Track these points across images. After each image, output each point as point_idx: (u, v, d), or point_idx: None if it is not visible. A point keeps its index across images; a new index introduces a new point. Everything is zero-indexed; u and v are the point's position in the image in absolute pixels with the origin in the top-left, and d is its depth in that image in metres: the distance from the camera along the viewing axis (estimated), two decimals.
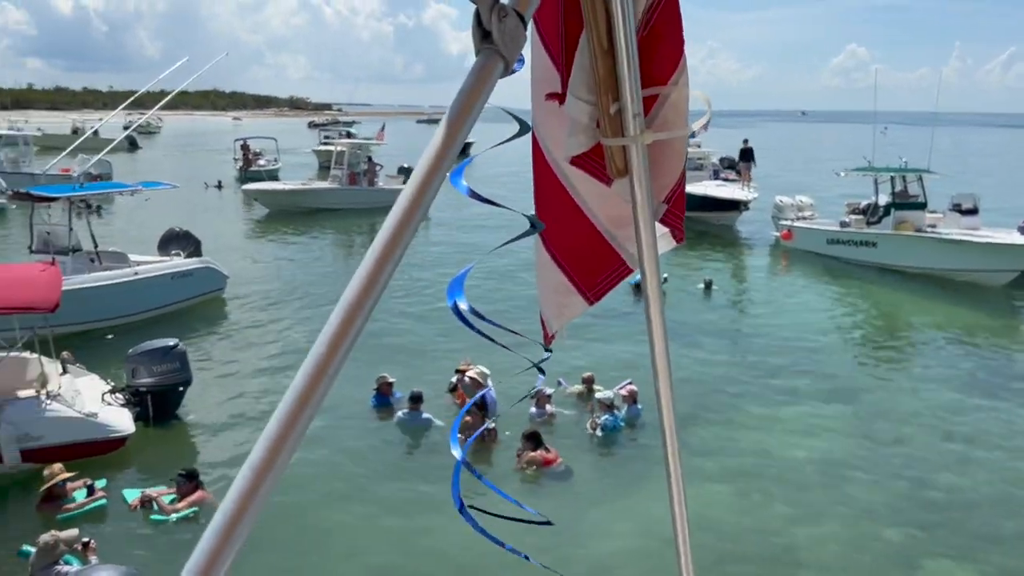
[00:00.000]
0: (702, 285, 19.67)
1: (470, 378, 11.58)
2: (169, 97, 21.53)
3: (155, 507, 8.72)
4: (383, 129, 49.72)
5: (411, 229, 0.94)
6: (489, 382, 11.20)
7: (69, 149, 20.76)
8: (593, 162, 1.53)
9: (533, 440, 10.03)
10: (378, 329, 16.17)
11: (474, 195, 1.27)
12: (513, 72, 1.06)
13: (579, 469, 10.11)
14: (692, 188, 28.79)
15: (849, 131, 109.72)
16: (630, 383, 11.78)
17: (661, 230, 1.58)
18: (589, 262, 1.74)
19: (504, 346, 1.53)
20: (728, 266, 23.63)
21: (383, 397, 11.79)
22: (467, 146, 1.04)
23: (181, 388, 11.14)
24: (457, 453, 1.50)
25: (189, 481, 8.92)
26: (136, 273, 15.15)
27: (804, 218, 25.13)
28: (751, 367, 14.15)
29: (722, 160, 34.95)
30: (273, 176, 40.31)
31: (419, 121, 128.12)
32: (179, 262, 16.37)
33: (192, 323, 15.37)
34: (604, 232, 1.69)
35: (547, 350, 1.80)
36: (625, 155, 1.46)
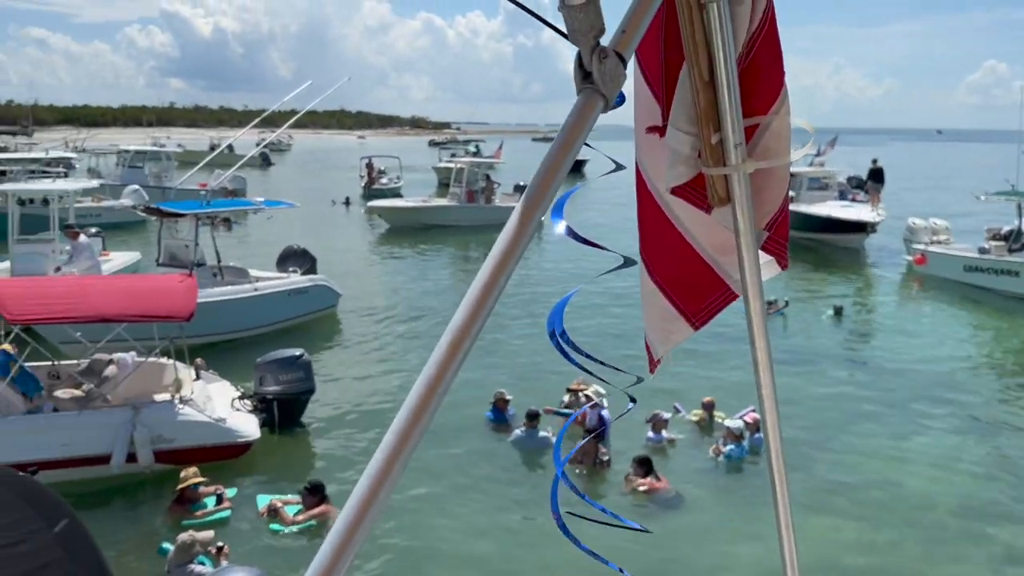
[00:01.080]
0: (831, 311, 18.80)
1: (585, 396, 11.54)
2: (296, 117, 22.63)
3: (280, 516, 8.89)
4: (501, 147, 50.51)
5: (514, 260, 1.01)
6: (604, 401, 11.08)
7: (202, 164, 22.03)
8: (694, 191, 1.55)
9: (644, 465, 9.82)
10: (489, 344, 16.34)
11: (572, 234, 1.28)
12: (614, 108, 1.13)
13: (698, 497, 9.80)
14: (815, 208, 27.66)
15: (988, 151, 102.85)
16: (752, 410, 11.39)
17: (765, 257, 1.61)
18: (693, 288, 1.78)
19: (599, 377, 1.55)
20: (856, 291, 22.48)
21: (499, 413, 11.88)
22: (579, 164, 1.06)
23: (305, 397, 11.53)
24: (557, 468, 1.54)
25: (313, 495, 9.03)
26: (256, 289, 15.60)
27: (939, 242, 23.64)
28: (881, 398, 13.37)
29: (849, 180, 33.46)
30: (395, 193, 41.69)
31: (535, 139, 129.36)
32: (295, 279, 16.76)
33: (310, 337, 15.64)
34: (708, 259, 1.72)
35: (639, 378, 1.74)
36: (727, 184, 1.49)
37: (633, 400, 1.67)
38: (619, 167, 1.49)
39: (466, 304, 0.97)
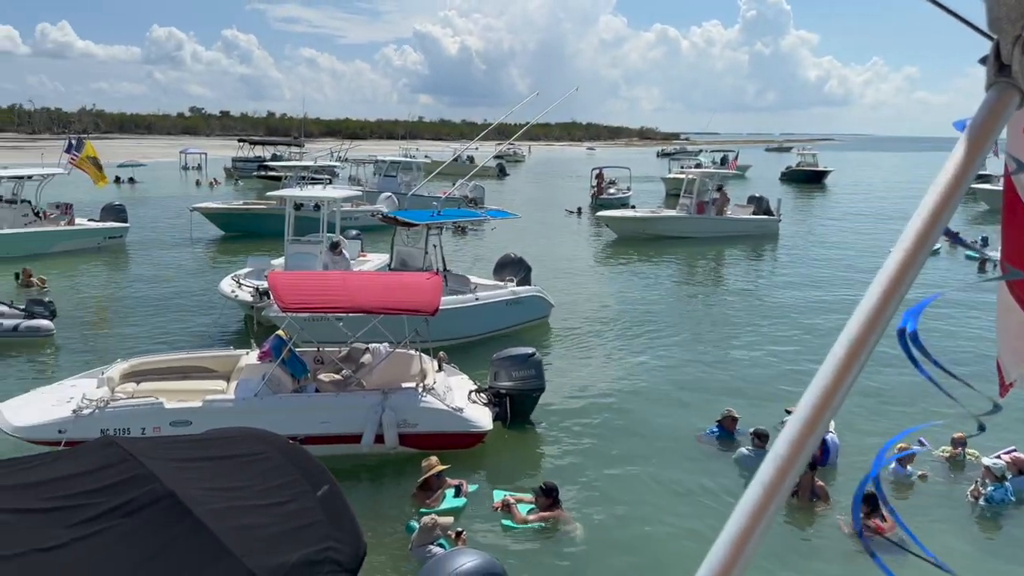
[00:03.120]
0: None
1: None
2: (524, 129, 23.29)
3: (511, 513, 9.04)
4: (736, 158, 48.80)
5: (918, 265, 0.93)
6: (832, 426, 10.30)
7: (432, 174, 23.36)
8: None
9: (868, 503, 8.93)
10: (718, 358, 15.83)
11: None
12: None
13: (948, 543, 8.81)
14: None
15: None
16: (1013, 449, 10.08)
17: None
18: None
19: (947, 393, 1.39)
20: None
21: (726, 432, 11.49)
22: (820, 175, 0.94)
23: (536, 394, 11.86)
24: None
25: (547, 496, 9.07)
26: (477, 299, 16.07)
27: None
28: None
29: None
30: (624, 204, 41.75)
31: (768, 149, 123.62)
32: (513, 289, 17.10)
33: (528, 344, 15.86)
34: None
35: (996, 406, 1.56)
36: None
37: (982, 428, 1.51)
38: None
39: (863, 311, 0.92)
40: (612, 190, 47.29)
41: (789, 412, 11.18)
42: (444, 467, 9.63)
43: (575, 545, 8.71)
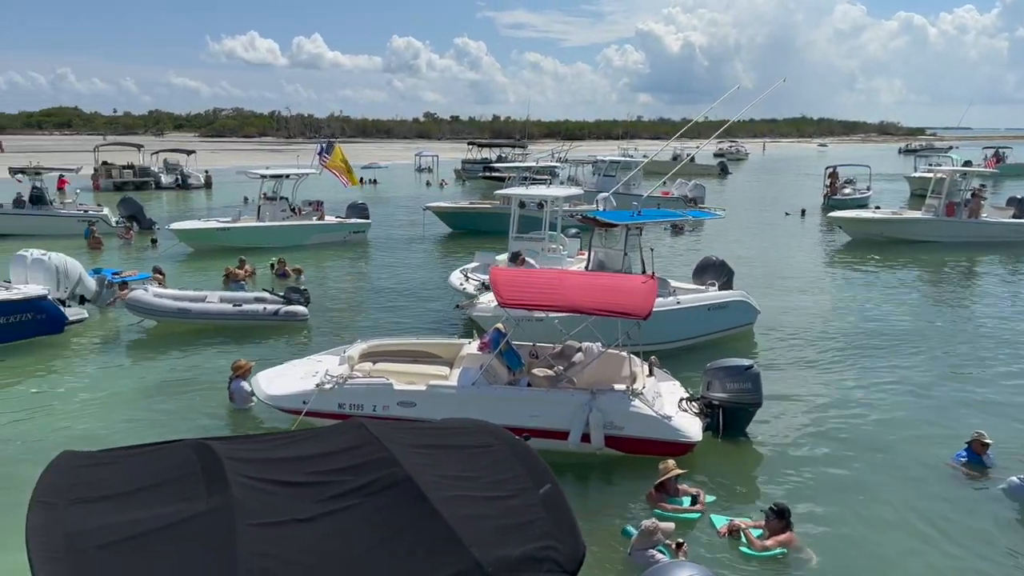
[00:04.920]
0: None
1: None
2: (725, 126, 22.14)
3: (743, 538, 8.55)
4: (996, 154, 43.65)
5: None
6: None
7: (628, 175, 23.07)
8: None
9: None
10: (968, 379, 14.35)
11: None
12: None
13: None
14: None
15: None
16: None
17: None
18: None
19: None
20: None
21: (975, 456, 10.45)
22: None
23: (752, 409, 11.40)
24: None
25: (780, 518, 8.57)
26: (679, 303, 15.45)
27: None
28: None
29: None
30: (861, 204, 38.85)
31: None
32: (717, 294, 16.34)
33: (728, 353, 14.46)
34: None
35: None
36: None
37: None
38: None
39: None
40: (847, 189, 44.17)
41: None
42: (681, 471, 9.49)
43: (809, 573, 8.23)
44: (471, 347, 12.41)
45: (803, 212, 39.54)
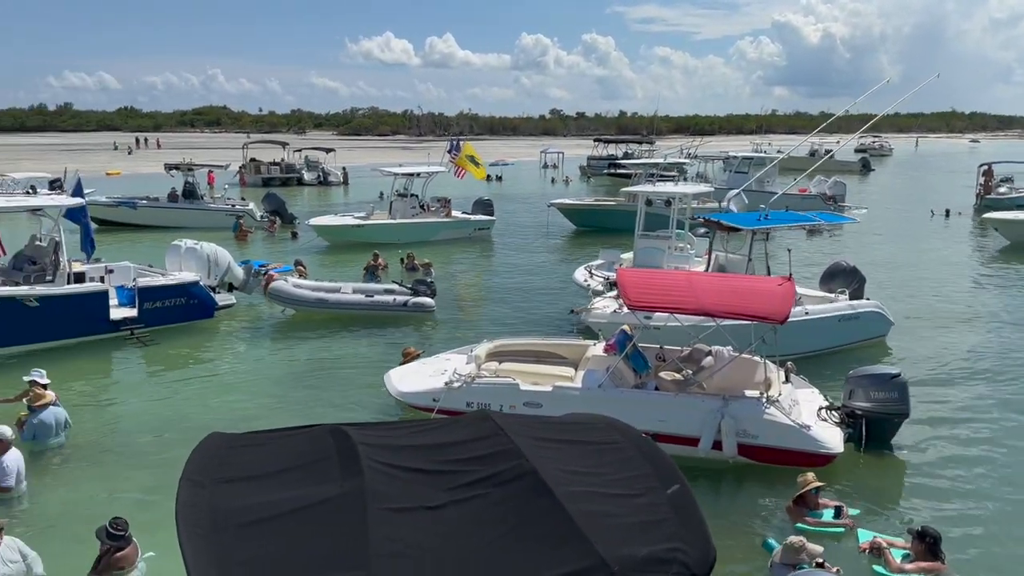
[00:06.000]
0: None
1: None
2: (872, 121, 20.94)
3: (881, 558, 8.04)
4: None
5: None
6: None
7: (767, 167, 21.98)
8: None
9: None
10: None
11: None
12: None
13: None
14: None
15: None
16: None
17: None
18: None
19: None
20: None
21: None
22: None
23: (897, 420, 10.72)
24: None
25: (921, 541, 7.93)
26: (807, 312, 14.51)
27: None
28: None
29: None
30: (1020, 205, 35.89)
31: None
32: (848, 304, 15.30)
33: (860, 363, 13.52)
34: None
35: None
36: None
37: None
38: None
39: None
40: (1003, 188, 40.87)
41: None
42: (821, 484, 9.03)
43: None
44: (597, 348, 12.29)
45: (947, 213, 36.91)
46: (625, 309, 14.40)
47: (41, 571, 7.44)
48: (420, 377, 11.81)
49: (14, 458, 9.34)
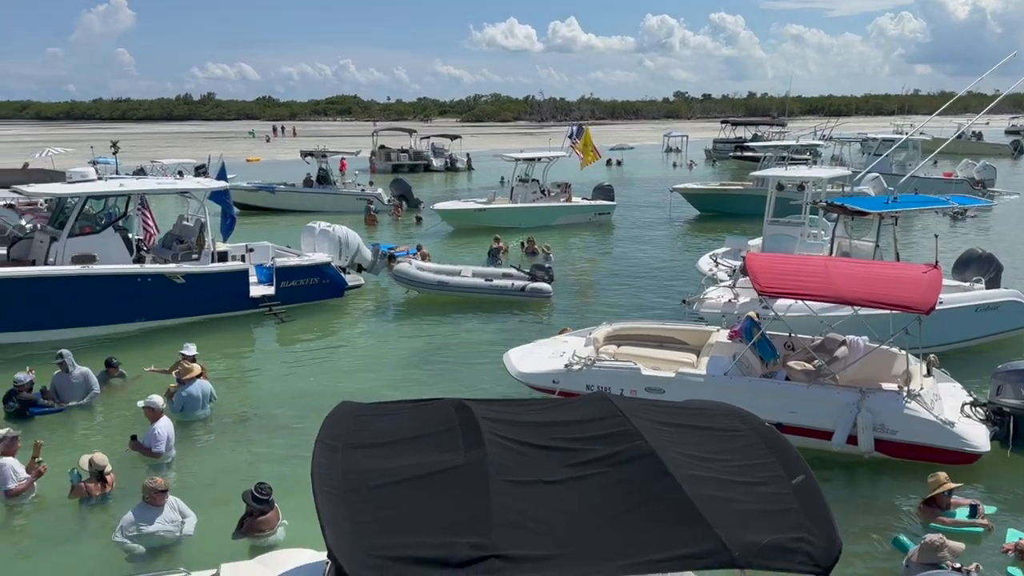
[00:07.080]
0: None
1: None
2: (999, 99, 19.02)
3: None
4: None
5: None
6: None
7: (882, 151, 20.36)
8: None
9: None
10: None
11: None
12: None
13: None
14: None
15: None
16: None
17: None
18: None
19: None
20: None
21: None
22: None
23: None
24: None
25: None
26: (941, 302, 13.56)
27: None
28: None
29: None
30: None
31: None
32: (986, 294, 14.13)
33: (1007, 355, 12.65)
34: None
35: None
36: None
37: None
38: None
39: None
40: None
41: None
42: (956, 485, 8.51)
43: None
44: (720, 335, 11.95)
45: None
46: (743, 299, 13.98)
47: (192, 531, 8.03)
48: (540, 358, 11.86)
49: (165, 426, 10.05)
